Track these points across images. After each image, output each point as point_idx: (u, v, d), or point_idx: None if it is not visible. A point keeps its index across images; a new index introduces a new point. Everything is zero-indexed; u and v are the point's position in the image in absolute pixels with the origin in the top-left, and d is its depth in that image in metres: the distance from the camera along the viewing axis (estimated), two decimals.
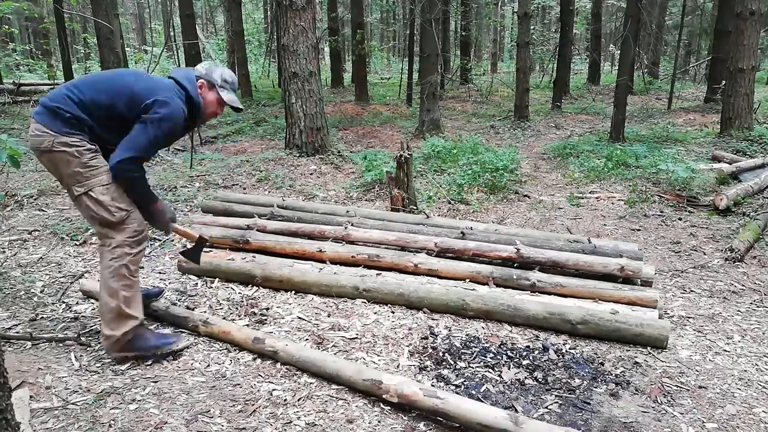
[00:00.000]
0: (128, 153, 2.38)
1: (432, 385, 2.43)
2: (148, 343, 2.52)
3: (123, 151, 2.39)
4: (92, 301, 3.25)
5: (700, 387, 2.50)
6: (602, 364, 2.67)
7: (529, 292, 3.31)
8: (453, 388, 2.45)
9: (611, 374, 2.58)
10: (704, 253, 4.23)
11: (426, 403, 2.16)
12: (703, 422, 2.26)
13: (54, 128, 2.34)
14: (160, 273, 3.70)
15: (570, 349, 2.81)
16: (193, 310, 3.09)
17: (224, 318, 3.01)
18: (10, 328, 2.87)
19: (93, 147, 2.41)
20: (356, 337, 2.86)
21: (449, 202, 5.48)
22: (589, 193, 5.92)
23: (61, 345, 2.71)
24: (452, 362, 2.66)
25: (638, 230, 4.80)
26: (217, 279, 3.55)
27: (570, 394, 2.43)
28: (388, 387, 2.26)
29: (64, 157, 2.36)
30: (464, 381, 2.50)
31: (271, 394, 2.35)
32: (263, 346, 2.60)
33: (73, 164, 2.37)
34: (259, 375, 2.50)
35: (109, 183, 2.42)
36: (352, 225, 4.05)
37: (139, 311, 2.53)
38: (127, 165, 2.40)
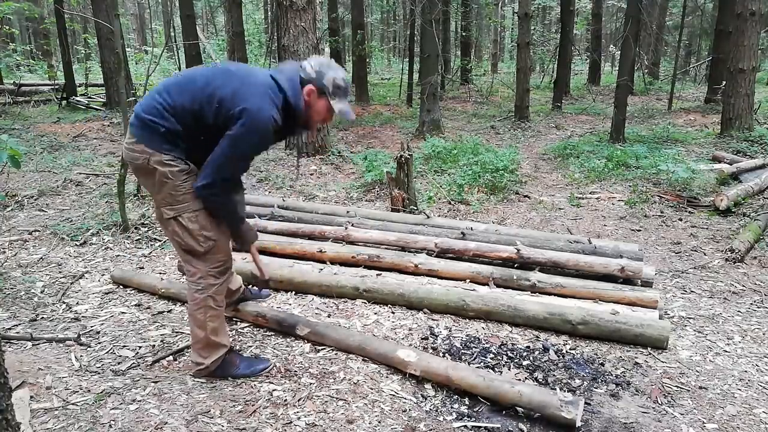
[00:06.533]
0: (207, 179, 2.15)
1: (432, 386, 2.44)
2: (237, 371, 2.46)
3: (203, 177, 2.16)
4: (93, 301, 3.25)
5: (700, 387, 2.50)
6: (602, 364, 2.67)
7: (529, 292, 3.30)
8: None
9: (611, 375, 2.58)
10: (705, 254, 4.22)
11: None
12: (704, 423, 2.26)
13: (150, 145, 2.15)
14: (160, 273, 3.70)
15: (570, 349, 2.81)
16: None
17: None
18: (10, 329, 2.87)
19: (187, 168, 2.21)
20: None
21: (449, 203, 5.48)
22: (590, 193, 5.92)
23: (61, 345, 2.71)
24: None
25: (638, 231, 4.80)
26: None
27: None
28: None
29: (157, 177, 2.18)
30: None
31: (272, 395, 2.35)
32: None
33: (166, 186, 2.19)
34: (260, 375, 2.49)
35: (199, 209, 2.24)
36: (352, 225, 4.05)
37: (227, 338, 2.47)
38: (207, 191, 2.17)
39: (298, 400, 2.31)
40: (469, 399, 2.37)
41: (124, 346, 2.73)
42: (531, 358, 2.70)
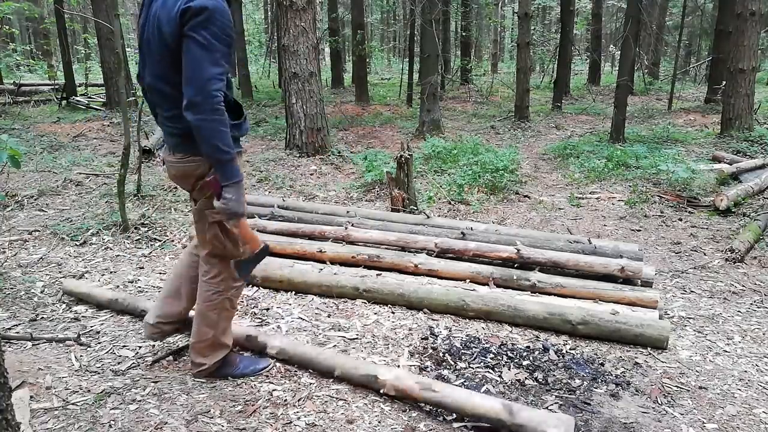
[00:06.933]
0: (189, 94, 1.88)
1: None
2: (237, 370, 2.46)
3: (185, 95, 1.89)
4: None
5: (700, 388, 2.50)
6: (602, 364, 2.67)
7: (529, 292, 3.31)
8: None
9: (611, 375, 2.58)
10: (704, 254, 4.22)
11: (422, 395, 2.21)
12: (704, 423, 2.26)
13: (196, 152, 2.05)
14: (160, 273, 3.70)
15: (570, 349, 2.81)
16: None
17: None
18: (10, 329, 2.87)
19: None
20: (356, 338, 2.86)
21: (449, 203, 5.48)
22: (590, 193, 5.93)
23: (61, 345, 2.71)
24: (452, 363, 2.66)
25: (638, 231, 4.80)
26: None
27: (570, 394, 2.43)
28: (384, 381, 2.30)
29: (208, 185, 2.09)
30: (464, 381, 2.50)
31: (271, 395, 2.35)
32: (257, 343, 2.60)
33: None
34: (260, 375, 2.49)
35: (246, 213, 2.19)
36: (352, 225, 4.05)
37: (231, 339, 2.46)
38: (196, 114, 1.88)
39: (298, 400, 2.31)
40: None
41: (124, 346, 2.73)
42: (531, 358, 2.70)
